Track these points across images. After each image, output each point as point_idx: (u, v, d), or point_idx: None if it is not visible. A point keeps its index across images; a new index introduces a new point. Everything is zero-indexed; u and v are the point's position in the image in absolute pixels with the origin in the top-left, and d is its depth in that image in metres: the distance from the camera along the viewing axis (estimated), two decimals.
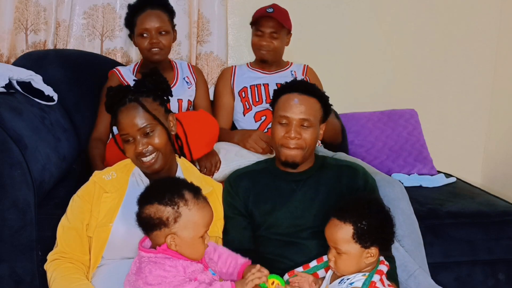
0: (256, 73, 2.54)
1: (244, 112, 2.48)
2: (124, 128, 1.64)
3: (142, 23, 2.29)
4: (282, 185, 1.83)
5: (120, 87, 1.70)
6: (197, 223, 1.47)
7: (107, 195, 1.66)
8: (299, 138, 1.76)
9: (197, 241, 1.48)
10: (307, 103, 1.78)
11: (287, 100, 1.79)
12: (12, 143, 1.83)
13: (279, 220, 1.78)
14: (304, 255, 1.72)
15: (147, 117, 1.64)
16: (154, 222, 1.45)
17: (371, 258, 1.54)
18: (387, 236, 1.56)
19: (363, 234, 1.52)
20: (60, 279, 1.56)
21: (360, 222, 1.52)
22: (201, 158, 2.09)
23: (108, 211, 1.64)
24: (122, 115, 1.65)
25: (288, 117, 1.76)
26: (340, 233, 1.54)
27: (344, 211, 1.55)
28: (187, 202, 1.47)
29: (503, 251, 2.33)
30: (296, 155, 1.77)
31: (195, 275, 1.44)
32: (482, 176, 3.34)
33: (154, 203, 1.46)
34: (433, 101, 3.22)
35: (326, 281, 1.62)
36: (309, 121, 1.77)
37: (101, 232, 1.62)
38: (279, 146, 1.79)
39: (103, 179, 1.67)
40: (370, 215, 1.53)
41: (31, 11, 2.68)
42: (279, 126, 1.79)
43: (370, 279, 1.51)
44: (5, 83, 2.07)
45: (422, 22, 3.14)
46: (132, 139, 1.64)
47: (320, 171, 1.84)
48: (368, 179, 1.84)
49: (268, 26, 2.40)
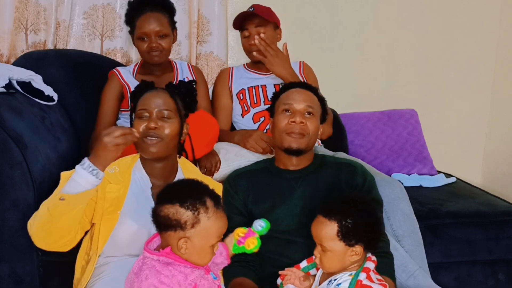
0: (254, 75, 2.54)
1: (242, 114, 2.48)
2: (145, 103, 1.69)
3: (141, 26, 2.27)
4: (281, 183, 1.83)
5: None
6: (212, 232, 1.46)
7: (111, 186, 1.67)
8: (304, 124, 1.78)
9: (207, 250, 1.47)
10: (308, 94, 1.84)
11: (289, 92, 1.85)
12: (12, 143, 1.83)
13: (278, 218, 1.78)
14: (303, 253, 1.72)
15: (170, 103, 1.70)
16: (171, 223, 1.43)
17: (356, 257, 1.54)
18: (373, 235, 1.55)
19: (348, 232, 1.51)
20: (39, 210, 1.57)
21: (345, 220, 1.52)
22: (201, 158, 2.09)
23: (114, 200, 1.65)
24: (148, 95, 1.71)
25: (292, 104, 1.80)
26: (325, 231, 1.53)
27: (329, 209, 1.55)
28: (208, 210, 1.45)
29: (503, 251, 2.33)
30: (300, 141, 1.79)
31: (195, 281, 1.44)
32: (482, 176, 3.34)
33: (175, 204, 1.44)
34: (433, 101, 3.22)
35: (316, 282, 1.62)
36: (313, 109, 1.81)
37: (109, 220, 1.63)
38: (283, 134, 1.80)
39: (107, 172, 1.67)
40: (356, 214, 1.52)
41: (31, 11, 2.68)
42: (282, 116, 1.81)
43: (356, 278, 1.50)
44: (5, 83, 2.07)
45: (422, 22, 3.14)
46: (147, 116, 1.67)
47: (319, 169, 1.85)
48: (366, 177, 1.84)
49: (253, 24, 2.39)
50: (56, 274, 1.96)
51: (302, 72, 2.56)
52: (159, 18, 2.28)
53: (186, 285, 1.42)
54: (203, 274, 1.47)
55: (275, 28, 2.47)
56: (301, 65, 2.60)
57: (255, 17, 2.39)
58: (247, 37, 2.42)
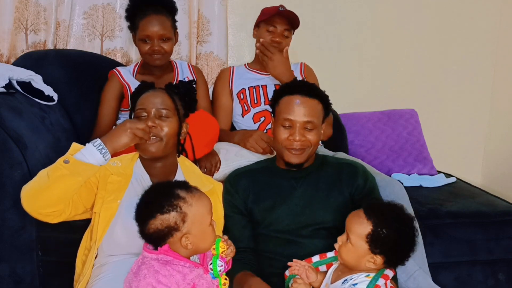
0: (255, 74, 2.54)
1: (242, 114, 2.48)
2: (143, 103, 1.70)
3: (144, 29, 2.25)
4: (282, 183, 1.83)
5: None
6: (202, 213, 1.48)
7: (113, 177, 1.68)
8: (304, 140, 1.76)
9: (208, 230, 1.49)
10: (310, 105, 1.78)
11: (289, 103, 1.79)
12: (12, 143, 1.83)
13: (279, 217, 1.78)
14: (304, 253, 1.72)
15: (168, 102, 1.71)
16: (165, 232, 1.44)
17: (372, 265, 1.53)
18: (398, 255, 1.53)
19: (377, 239, 1.50)
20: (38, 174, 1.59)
21: (380, 227, 1.50)
22: (201, 158, 2.09)
23: (115, 190, 1.66)
24: (147, 95, 1.71)
25: (291, 119, 1.76)
26: (358, 226, 1.52)
27: (373, 209, 1.54)
28: (186, 200, 1.46)
29: (503, 251, 2.33)
30: (301, 156, 1.78)
31: (194, 281, 1.44)
32: (482, 176, 3.34)
33: (157, 215, 1.44)
34: (433, 101, 3.22)
35: (327, 280, 1.61)
36: (313, 123, 1.77)
37: (108, 208, 1.63)
38: (282, 148, 1.80)
39: (110, 164, 1.69)
40: (394, 226, 1.51)
41: (31, 11, 2.68)
42: (282, 129, 1.79)
43: (376, 282, 1.49)
44: (5, 83, 2.07)
45: (422, 22, 3.14)
46: (145, 115, 1.68)
47: (320, 169, 1.85)
48: (368, 177, 1.84)
49: (283, 24, 2.41)
50: (56, 274, 1.95)
51: (303, 73, 2.57)
52: (163, 21, 2.27)
53: (184, 285, 1.42)
54: (202, 274, 1.47)
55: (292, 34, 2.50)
56: (301, 67, 2.61)
57: (286, 18, 2.40)
58: (271, 32, 2.42)
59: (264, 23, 2.44)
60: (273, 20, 2.41)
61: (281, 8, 2.42)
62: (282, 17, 2.40)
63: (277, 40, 2.41)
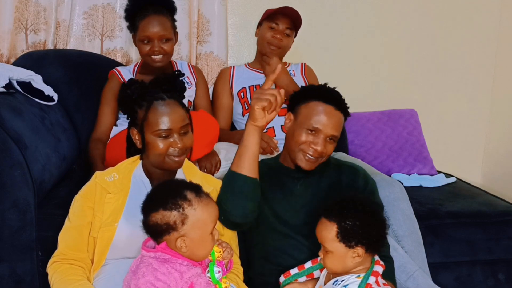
0: (255, 74, 2.54)
1: (243, 113, 2.48)
2: (167, 121, 1.63)
3: (144, 30, 2.23)
4: (284, 180, 1.83)
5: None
6: (204, 220, 1.47)
7: (110, 196, 1.65)
8: (323, 151, 1.75)
9: (207, 238, 1.47)
10: (338, 119, 1.77)
11: (322, 112, 1.75)
12: (12, 143, 1.83)
13: (279, 213, 1.78)
14: (302, 251, 1.73)
15: (186, 116, 1.68)
16: (162, 228, 1.45)
17: (358, 258, 1.53)
18: (374, 237, 1.54)
19: (347, 234, 1.52)
20: (58, 282, 1.55)
21: (343, 221, 1.52)
22: (201, 159, 2.09)
23: (113, 211, 1.63)
24: (164, 109, 1.63)
25: (320, 129, 1.74)
26: (326, 232, 1.55)
27: (330, 210, 1.56)
28: (191, 202, 1.46)
29: (503, 251, 2.33)
30: (313, 164, 1.78)
31: (192, 279, 1.44)
32: (482, 176, 3.34)
33: (159, 210, 1.45)
34: (433, 101, 3.22)
35: (320, 282, 1.62)
36: (337, 137, 1.78)
37: (106, 231, 1.62)
38: (297, 150, 1.77)
39: (106, 181, 1.66)
40: (354, 215, 1.53)
41: (31, 11, 2.68)
42: (305, 132, 1.75)
43: (366, 281, 1.50)
44: (5, 83, 2.07)
45: (422, 22, 3.14)
46: (169, 135, 1.63)
47: (322, 169, 1.85)
48: (368, 180, 1.84)
49: (285, 22, 2.41)
50: None
51: (303, 74, 2.57)
52: (163, 22, 2.25)
53: (182, 283, 1.42)
54: (200, 273, 1.47)
55: (294, 36, 2.50)
56: (302, 67, 2.61)
57: (289, 17, 2.41)
58: (273, 29, 2.42)
59: (267, 20, 2.44)
60: (276, 18, 2.42)
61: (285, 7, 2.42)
62: (285, 15, 2.41)
63: (278, 37, 2.41)
